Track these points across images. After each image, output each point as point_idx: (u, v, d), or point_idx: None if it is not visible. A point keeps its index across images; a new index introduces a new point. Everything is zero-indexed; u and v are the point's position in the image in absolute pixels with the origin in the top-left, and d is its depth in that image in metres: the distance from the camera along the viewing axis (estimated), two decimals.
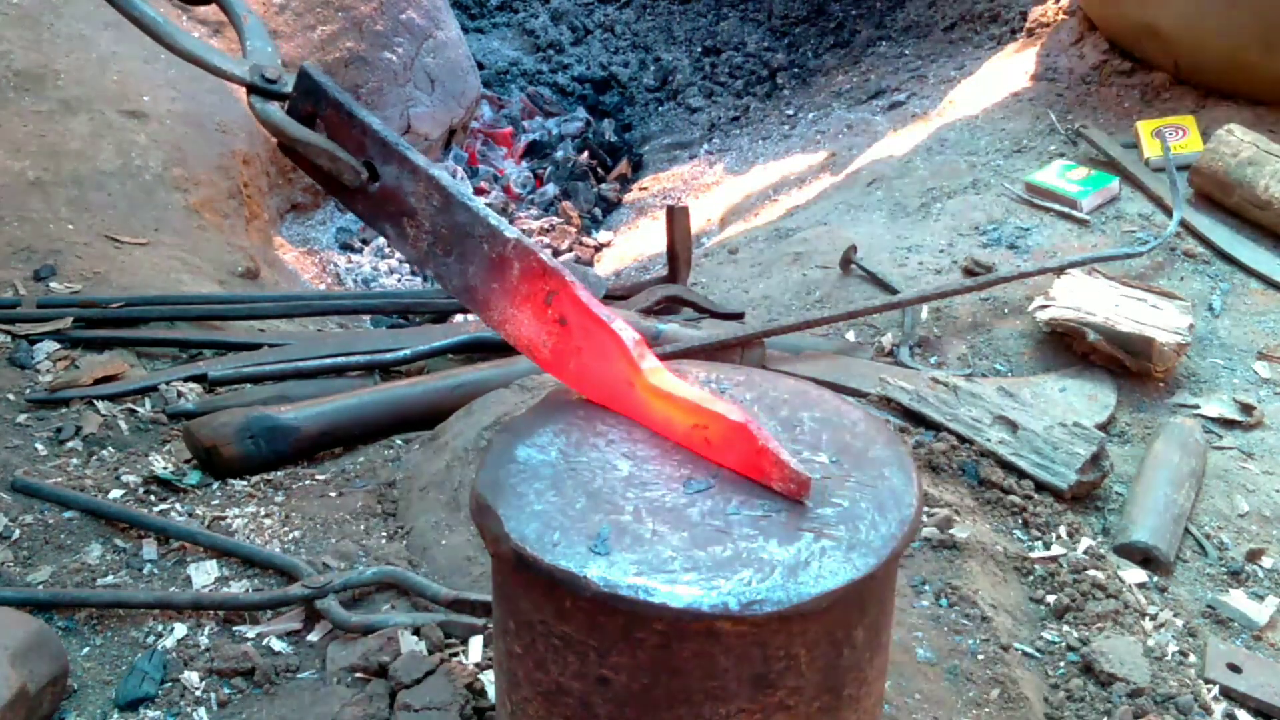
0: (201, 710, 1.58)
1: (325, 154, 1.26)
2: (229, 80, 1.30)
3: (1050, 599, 1.91)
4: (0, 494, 1.96)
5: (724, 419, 1.10)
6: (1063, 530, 2.07)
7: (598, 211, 5.31)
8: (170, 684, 1.62)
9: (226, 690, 1.61)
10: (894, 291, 2.94)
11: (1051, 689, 1.76)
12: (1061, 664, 1.79)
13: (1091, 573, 1.95)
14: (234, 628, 1.72)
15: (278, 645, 1.69)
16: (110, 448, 2.19)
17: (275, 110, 1.28)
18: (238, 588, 1.79)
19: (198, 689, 1.61)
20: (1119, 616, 1.87)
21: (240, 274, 3.20)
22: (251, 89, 1.29)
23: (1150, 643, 1.84)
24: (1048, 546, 2.03)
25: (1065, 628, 1.86)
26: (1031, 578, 1.96)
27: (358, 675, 1.60)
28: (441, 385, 2.33)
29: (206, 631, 1.72)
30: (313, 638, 1.70)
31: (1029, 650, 1.82)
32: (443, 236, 1.25)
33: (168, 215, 3.22)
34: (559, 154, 5.53)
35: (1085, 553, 2.01)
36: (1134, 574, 2.02)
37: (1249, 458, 2.41)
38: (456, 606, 1.70)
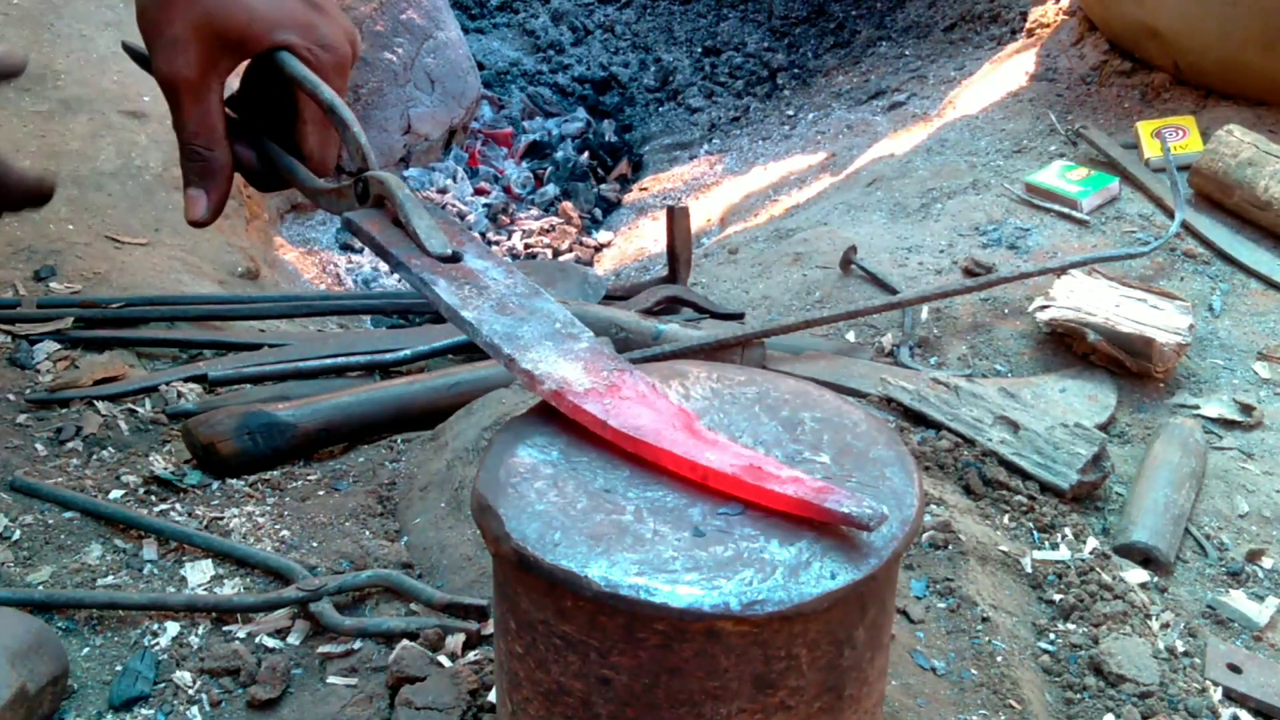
0: (194, 709, 1.58)
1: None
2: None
3: (1056, 598, 1.91)
4: (0, 494, 1.96)
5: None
6: (1069, 531, 2.07)
7: (598, 212, 5.31)
8: (164, 684, 1.62)
9: (217, 690, 1.61)
10: (894, 291, 2.94)
11: (1056, 690, 1.76)
12: (1067, 665, 1.79)
13: (1098, 574, 1.95)
14: (225, 626, 1.72)
15: (270, 643, 1.68)
16: (110, 448, 2.18)
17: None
18: (233, 587, 1.79)
19: (190, 688, 1.61)
20: (1126, 618, 1.87)
21: (240, 274, 3.20)
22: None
23: (1160, 644, 1.84)
24: (1055, 547, 2.02)
25: (1071, 627, 1.86)
26: (1035, 578, 1.96)
27: (357, 675, 1.60)
28: (441, 385, 2.32)
29: (199, 630, 1.72)
30: (296, 639, 1.69)
31: (1034, 650, 1.81)
32: None
33: (168, 215, 3.22)
34: (559, 154, 5.53)
35: (1091, 553, 2.01)
36: (1134, 574, 2.02)
37: (1249, 458, 2.41)
38: (451, 610, 1.70)
